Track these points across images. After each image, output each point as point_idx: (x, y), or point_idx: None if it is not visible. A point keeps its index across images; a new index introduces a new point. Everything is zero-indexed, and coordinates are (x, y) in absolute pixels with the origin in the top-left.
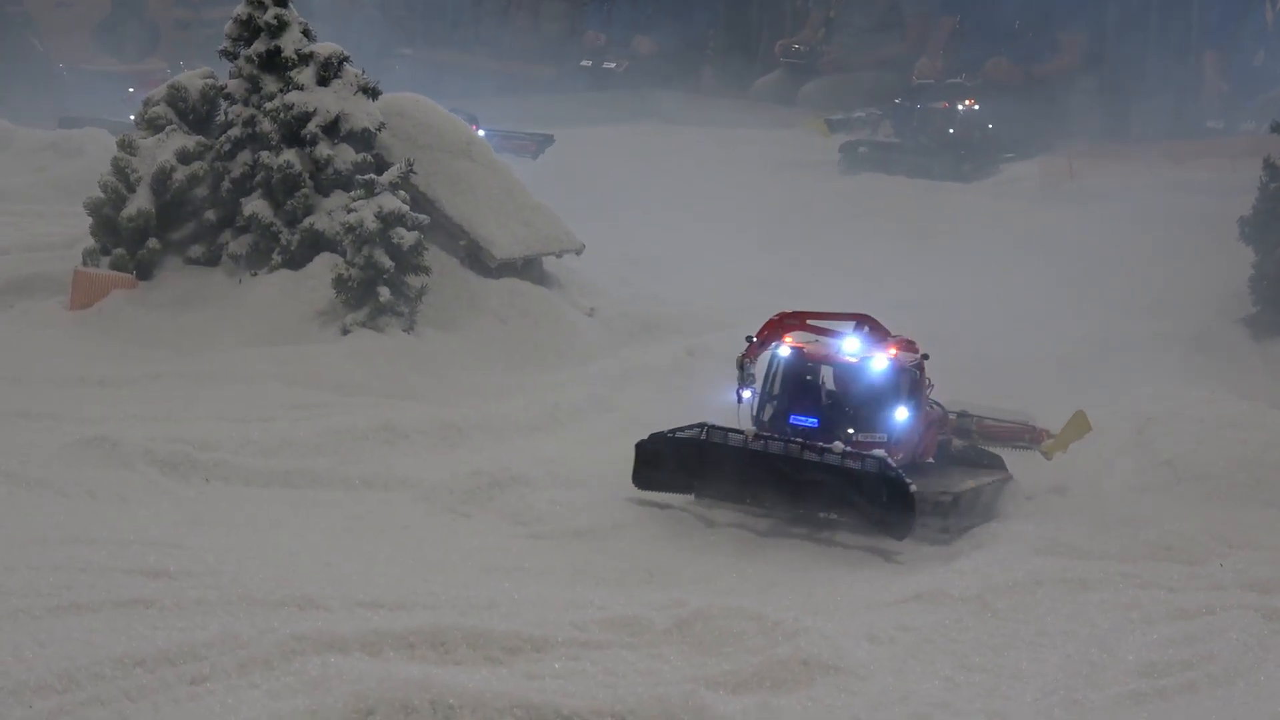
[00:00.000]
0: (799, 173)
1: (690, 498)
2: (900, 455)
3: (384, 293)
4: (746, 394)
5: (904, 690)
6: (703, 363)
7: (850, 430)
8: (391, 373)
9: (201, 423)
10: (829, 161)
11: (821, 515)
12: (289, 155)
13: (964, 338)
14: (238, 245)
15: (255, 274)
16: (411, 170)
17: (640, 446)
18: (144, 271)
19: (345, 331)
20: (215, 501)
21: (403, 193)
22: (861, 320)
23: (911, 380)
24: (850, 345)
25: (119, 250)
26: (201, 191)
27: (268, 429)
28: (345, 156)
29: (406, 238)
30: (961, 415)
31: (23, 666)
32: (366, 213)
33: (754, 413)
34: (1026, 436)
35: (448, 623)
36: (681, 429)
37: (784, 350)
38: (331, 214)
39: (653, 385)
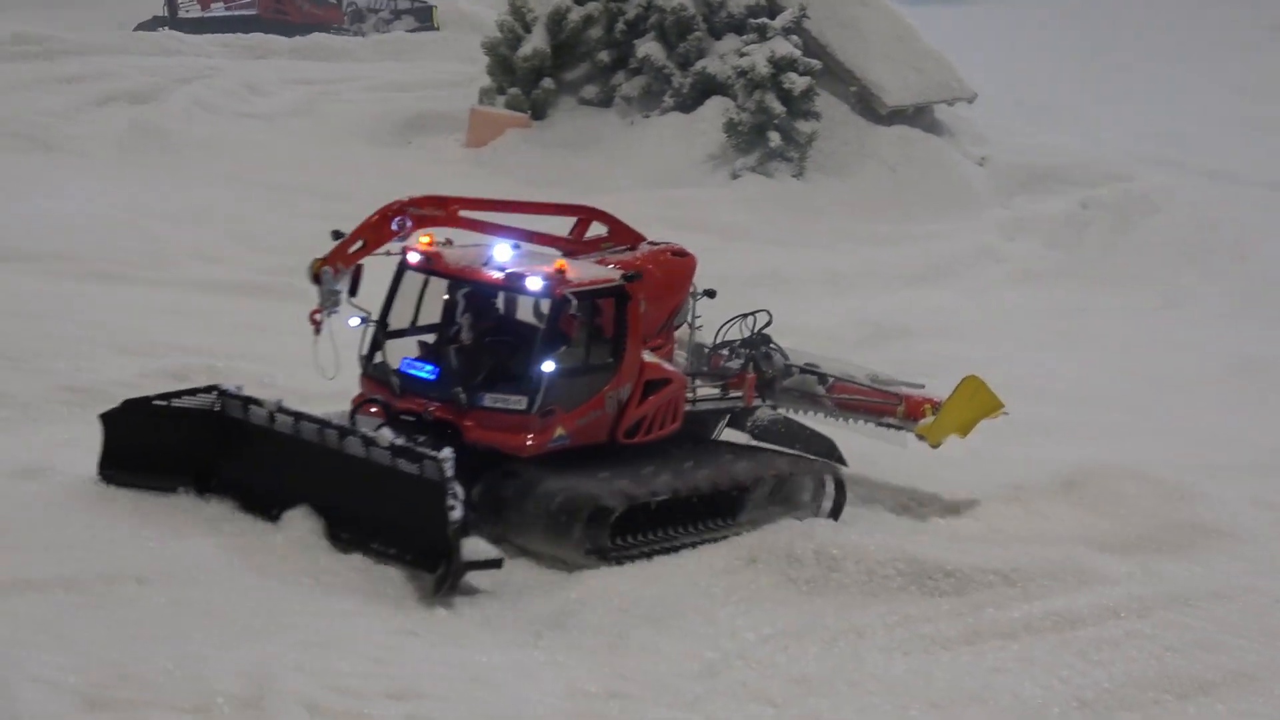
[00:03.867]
0: (1212, 28)
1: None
2: (552, 432)
3: (774, 138)
4: (355, 321)
5: None
6: (1096, 215)
7: (473, 389)
8: (779, 218)
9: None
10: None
11: (373, 546)
12: None
13: None
14: (630, 87)
15: (647, 116)
16: (805, 14)
17: (110, 420)
18: (538, 111)
19: (735, 176)
20: None
21: (795, 37)
22: (589, 217)
23: (587, 317)
24: (501, 255)
25: (514, 90)
26: (595, 33)
27: None
28: (738, 0)
29: (798, 83)
30: (805, 371)
31: None
32: (759, 57)
33: (361, 352)
34: (898, 410)
35: None
36: (179, 394)
37: (413, 257)
38: (724, 58)
39: (1043, 237)
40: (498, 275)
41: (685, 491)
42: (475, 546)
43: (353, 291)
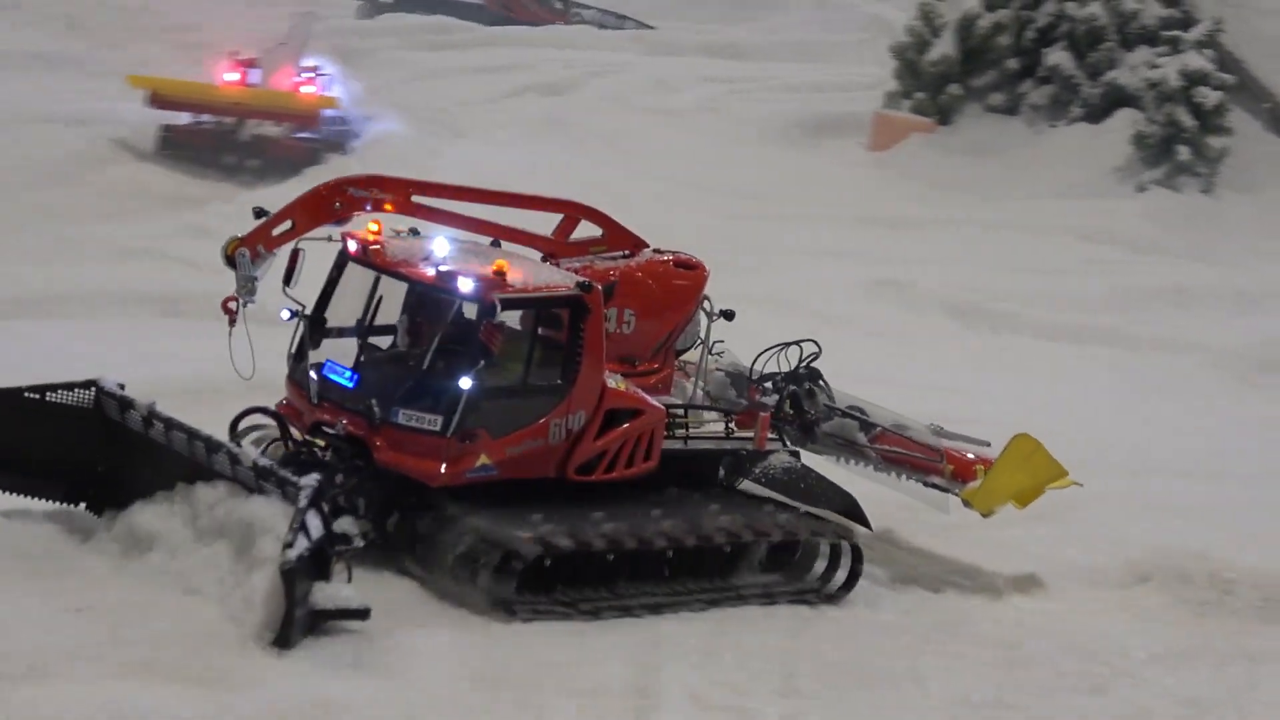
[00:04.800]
0: None
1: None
2: (473, 460)
3: (1183, 152)
4: (285, 314)
5: None
6: None
7: (388, 403)
8: (1186, 233)
9: (992, 272)
10: None
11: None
12: (1094, 8)
13: None
14: (1038, 95)
15: (1053, 125)
16: (1220, 28)
17: None
18: (943, 116)
19: (1141, 189)
20: (1001, 351)
21: (1209, 51)
22: (577, 215)
23: (529, 329)
24: (439, 249)
25: (920, 95)
26: (1004, 40)
27: (1057, 282)
28: (1152, 11)
29: (1210, 98)
30: (845, 415)
31: None
32: (1170, 70)
33: (290, 351)
34: (944, 469)
35: (1230, 493)
36: (54, 387)
37: (350, 245)
38: (1134, 69)
39: None
40: (429, 273)
41: (633, 544)
42: (336, 592)
43: (287, 280)
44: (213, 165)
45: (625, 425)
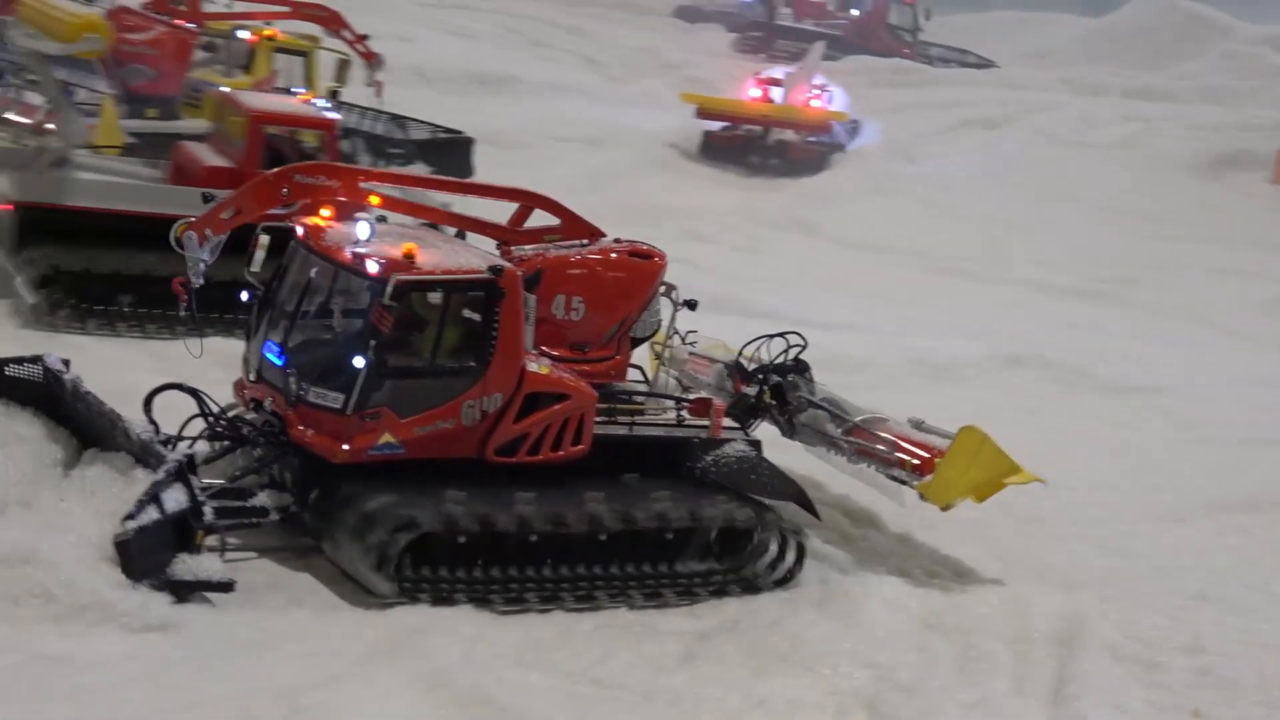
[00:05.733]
0: None
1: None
2: (375, 438)
3: None
4: (245, 295)
5: None
6: None
7: (303, 381)
8: None
9: None
10: None
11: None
12: None
13: None
14: None
15: None
16: None
17: None
18: None
19: None
20: None
21: None
22: (530, 204)
23: (437, 312)
24: (361, 232)
25: None
26: None
27: None
28: None
29: None
30: (817, 406)
31: (1213, 485)
32: None
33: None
34: (906, 462)
35: None
36: (5, 361)
37: (298, 229)
38: None
39: None
40: (346, 255)
41: (543, 525)
42: (199, 564)
43: (248, 263)
44: (743, 165)
45: (548, 410)
